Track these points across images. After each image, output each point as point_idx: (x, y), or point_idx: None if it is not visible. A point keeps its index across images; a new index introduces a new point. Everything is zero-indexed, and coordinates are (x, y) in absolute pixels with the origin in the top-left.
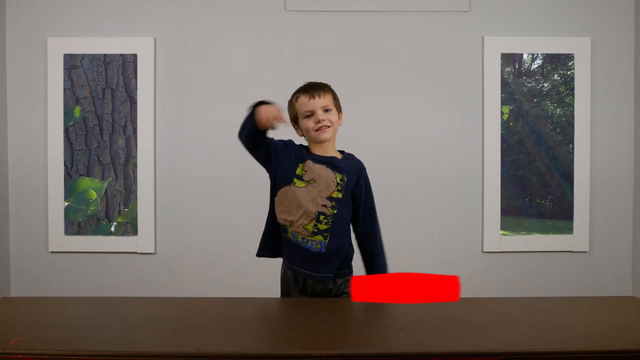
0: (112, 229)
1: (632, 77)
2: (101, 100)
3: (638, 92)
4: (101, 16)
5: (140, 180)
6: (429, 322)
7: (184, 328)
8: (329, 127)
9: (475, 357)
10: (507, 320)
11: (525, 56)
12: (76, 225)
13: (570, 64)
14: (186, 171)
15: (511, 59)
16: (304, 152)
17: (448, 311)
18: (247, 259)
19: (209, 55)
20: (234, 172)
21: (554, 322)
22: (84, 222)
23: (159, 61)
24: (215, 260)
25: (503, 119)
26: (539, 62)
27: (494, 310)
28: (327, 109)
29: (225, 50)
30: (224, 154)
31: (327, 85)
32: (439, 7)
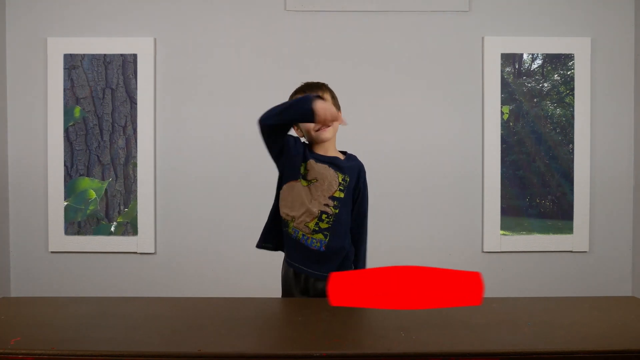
0: (112, 229)
1: (632, 77)
2: (101, 100)
3: (638, 92)
4: (101, 16)
5: (140, 180)
6: (429, 322)
7: (184, 328)
8: (328, 126)
9: (475, 357)
10: (507, 320)
11: (525, 56)
12: (76, 225)
13: (570, 64)
14: (186, 171)
15: (511, 59)
16: (307, 151)
17: (448, 311)
18: (247, 259)
19: (209, 55)
20: (234, 172)
21: (554, 322)
22: (83, 222)
23: (159, 61)
24: (215, 260)
25: (503, 119)
26: (539, 62)
27: (494, 310)
28: None
29: (225, 50)
30: (224, 154)
31: (324, 84)
32: (439, 7)
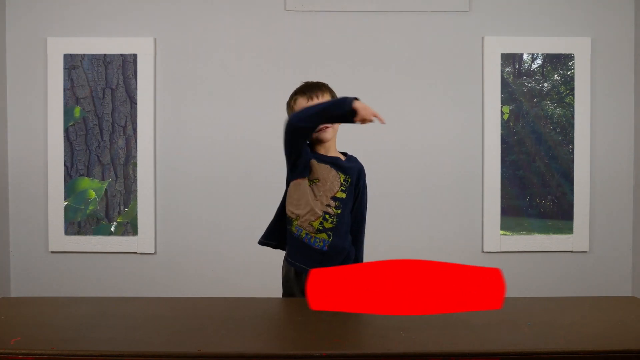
0: (112, 229)
1: (632, 77)
2: (101, 100)
3: (638, 92)
4: (101, 16)
5: (140, 180)
6: (429, 322)
7: (184, 328)
8: (328, 127)
9: (475, 357)
10: (507, 320)
11: (525, 56)
12: (76, 225)
13: (570, 64)
14: (186, 171)
15: (511, 59)
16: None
17: None
18: (247, 259)
19: (209, 55)
20: (234, 172)
21: (554, 322)
22: (83, 222)
23: (159, 61)
24: (215, 260)
25: (503, 119)
26: (539, 62)
27: (494, 310)
28: None
29: (225, 50)
30: (224, 154)
31: (324, 84)
32: (439, 7)
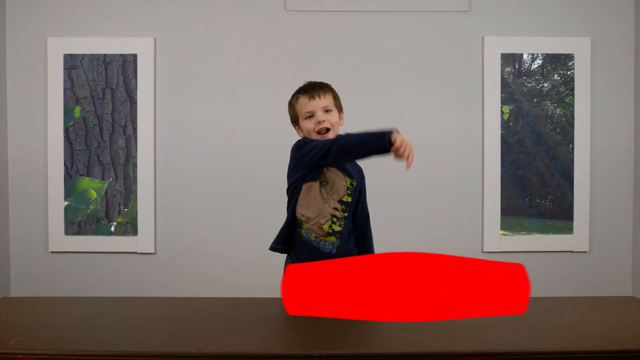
0: (112, 229)
1: (632, 77)
2: (101, 100)
3: (638, 92)
4: (101, 16)
5: (140, 180)
6: (429, 322)
7: (184, 328)
8: (329, 130)
9: (475, 357)
10: (507, 320)
11: (525, 56)
12: (76, 225)
13: (570, 64)
14: (186, 171)
15: (511, 59)
16: None
17: None
18: (247, 259)
19: (209, 55)
20: (234, 172)
21: (554, 322)
22: (83, 222)
23: (159, 61)
24: (215, 260)
25: (503, 119)
26: (539, 62)
27: None
28: (327, 110)
29: (225, 50)
30: (224, 154)
31: (327, 84)
32: (439, 7)
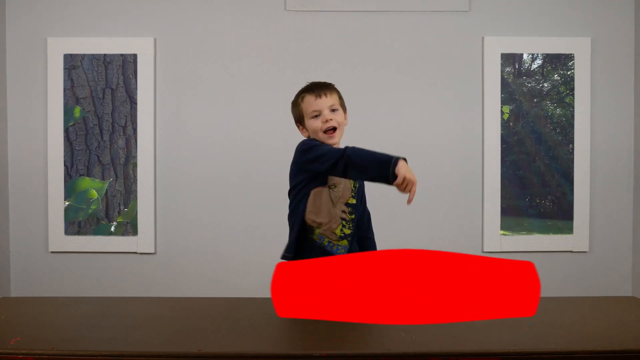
0: (112, 229)
1: (632, 77)
2: (101, 100)
3: (638, 92)
4: (101, 16)
5: (140, 180)
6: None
7: (184, 328)
8: (335, 129)
9: (475, 357)
10: (507, 320)
11: (525, 56)
12: (76, 225)
13: (570, 64)
14: (186, 171)
15: (511, 59)
16: None
17: None
18: (247, 259)
19: (209, 55)
20: (234, 172)
21: (554, 322)
22: (84, 222)
23: (159, 61)
24: (215, 260)
25: (503, 119)
26: (539, 62)
27: None
28: (333, 109)
29: (225, 50)
30: (224, 154)
31: (332, 84)
32: (439, 7)
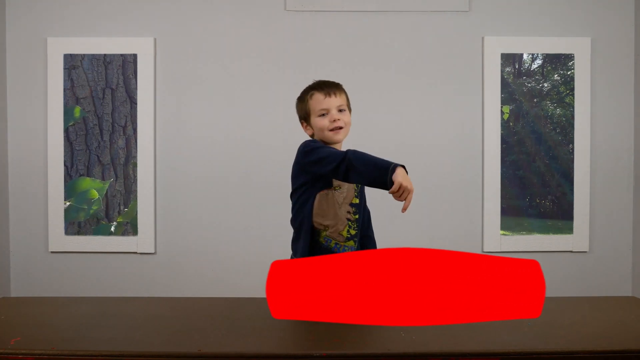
0: (112, 229)
1: (632, 77)
2: (101, 100)
3: (638, 92)
4: (101, 16)
5: (140, 180)
6: None
7: (184, 328)
8: (342, 127)
9: (475, 357)
10: (507, 320)
11: (525, 56)
12: (76, 225)
13: (570, 64)
14: (186, 171)
15: (511, 59)
16: None
17: None
18: (247, 259)
19: (209, 56)
20: (234, 172)
21: (554, 322)
22: (84, 222)
23: (159, 61)
24: (215, 260)
25: (503, 119)
26: (539, 62)
27: None
28: (341, 109)
29: (225, 50)
30: (224, 154)
31: (341, 85)
32: (439, 7)
